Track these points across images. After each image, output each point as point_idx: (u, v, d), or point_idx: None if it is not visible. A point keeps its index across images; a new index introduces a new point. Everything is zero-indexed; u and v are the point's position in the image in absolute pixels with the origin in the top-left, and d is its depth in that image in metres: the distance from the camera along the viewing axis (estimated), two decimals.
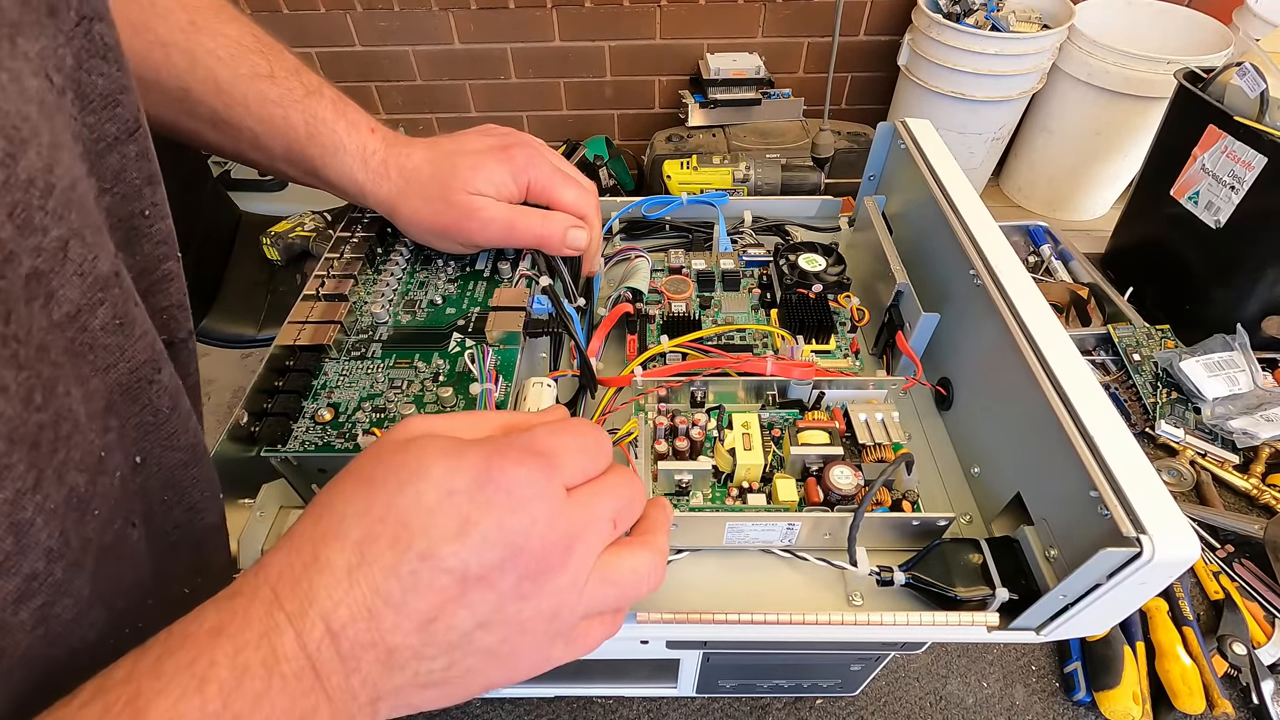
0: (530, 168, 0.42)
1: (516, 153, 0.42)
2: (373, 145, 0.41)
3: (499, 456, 0.22)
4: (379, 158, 0.41)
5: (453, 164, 0.41)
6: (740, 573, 0.38)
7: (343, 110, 0.41)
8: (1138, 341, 0.77)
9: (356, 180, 0.41)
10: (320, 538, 0.21)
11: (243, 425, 0.37)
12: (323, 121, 0.39)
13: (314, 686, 0.20)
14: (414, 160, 0.41)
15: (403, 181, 0.41)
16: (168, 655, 0.19)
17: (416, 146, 0.42)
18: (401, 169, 0.41)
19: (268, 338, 1.29)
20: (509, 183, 0.42)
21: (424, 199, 0.41)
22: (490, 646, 0.22)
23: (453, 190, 0.41)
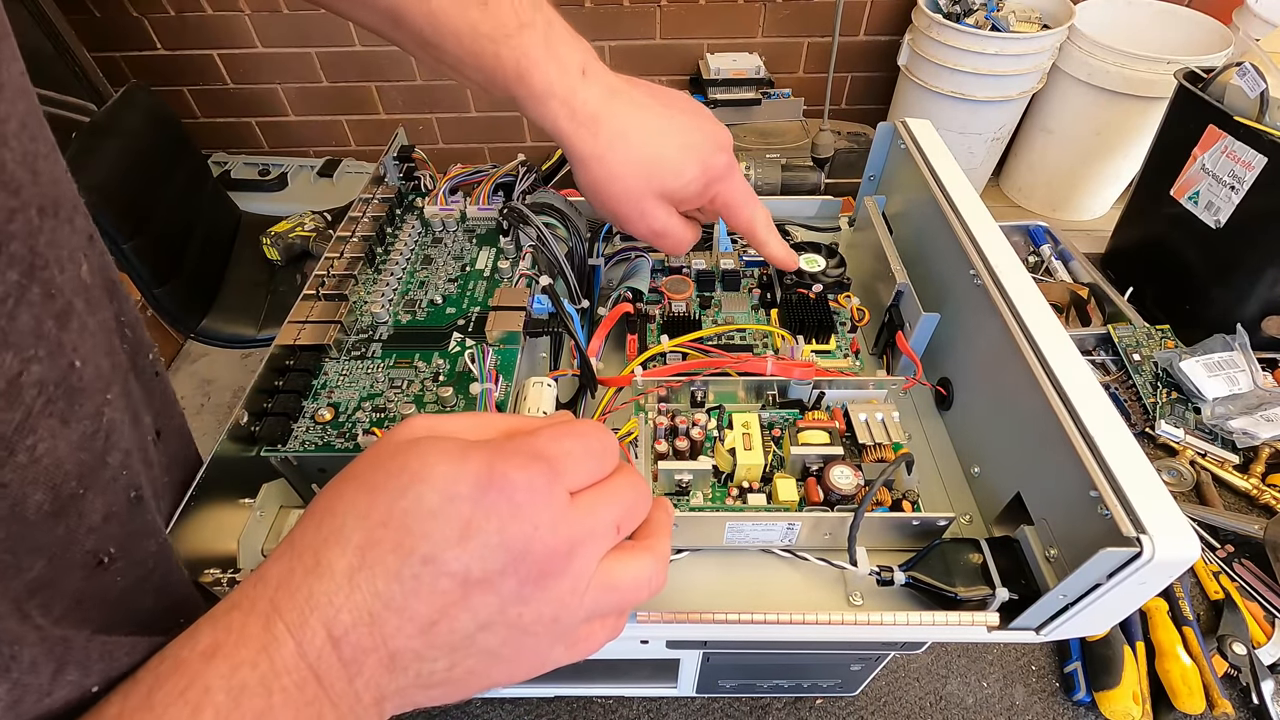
0: (725, 180, 0.41)
1: (720, 158, 0.41)
2: (583, 94, 0.37)
3: (502, 461, 0.22)
4: (589, 110, 0.37)
5: (659, 153, 0.39)
6: (740, 573, 0.38)
7: (555, 47, 0.37)
8: (1138, 341, 0.77)
9: (560, 128, 0.38)
10: (321, 544, 0.21)
11: (243, 425, 0.37)
12: (534, 62, 0.36)
13: (317, 695, 0.19)
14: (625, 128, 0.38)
15: (607, 146, 0.38)
16: (159, 686, 0.18)
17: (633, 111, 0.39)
18: (611, 132, 0.38)
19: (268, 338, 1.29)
20: (696, 195, 0.41)
21: (616, 176, 0.39)
22: (492, 648, 0.22)
23: (644, 184, 0.39)
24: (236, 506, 0.36)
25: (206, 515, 0.34)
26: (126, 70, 1.93)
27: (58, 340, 0.20)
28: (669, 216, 0.41)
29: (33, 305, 0.19)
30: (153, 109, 1.22)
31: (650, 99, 0.40)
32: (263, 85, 1.98)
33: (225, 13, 1.81)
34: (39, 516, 0.19)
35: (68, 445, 0.20)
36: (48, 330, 0.20)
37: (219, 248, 1.40)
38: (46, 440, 0.19)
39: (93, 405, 0.22)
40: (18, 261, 0.18)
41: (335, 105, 2.03)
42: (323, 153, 2.12)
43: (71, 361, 0.21)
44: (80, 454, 0.21)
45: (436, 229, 0.53)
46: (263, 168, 1.93)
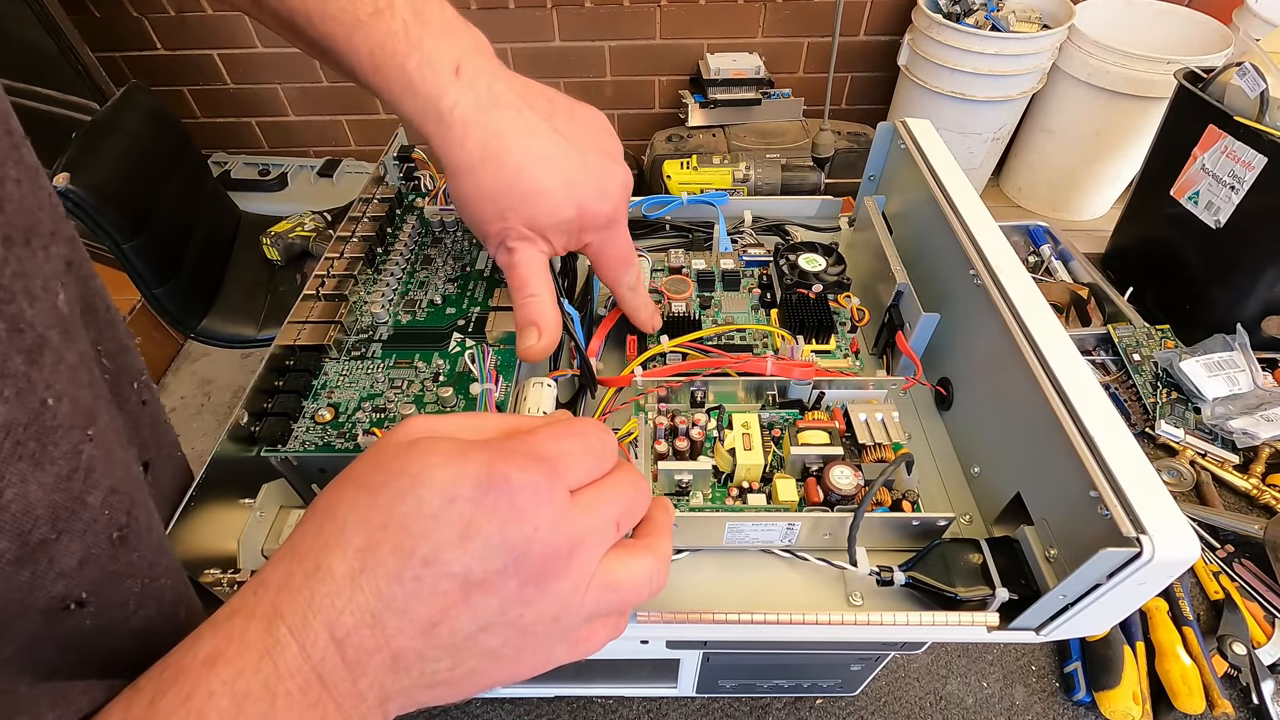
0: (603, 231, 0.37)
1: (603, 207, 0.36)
2: (452, 96, 0.33)
3: (502, 462, 0.22)
4: (457, 115, 0.33)
5: (536, 183, 0.34)
6: (740, 573, 0.38)
7: (418, 38, 0.32)
8: (1138, 341, 0.77)
9: (426, 131, 0.34)
10: (322, 547, 0.21)
11: (243, 425, 0.37)
12: (390, 53, 0.32)
13: (321, 697, 0.19)
14: (502, 144, 0.34)
15: (478, 160, 0.34)
16: (161, 694, 0.18)
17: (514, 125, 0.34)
18: (484, 145, 0.33)
19: (268, 338, 1.29)
20: (565, 239, 0.37)
21: (489, 195, 0.34)
22: (493, 648, 0.22)
23: (515, 213, 0.35)
24: (236, 506, 0.36)
25: (206, 515, 0.34)
26: (126, 70, 1.93)
27: (27, 378, 0.19)
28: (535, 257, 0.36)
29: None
30: (153, 109, 1.22)
31: (541, 119, 0.35)
32: (263, 85, 1.98)
33: (225, 13, 1.81)
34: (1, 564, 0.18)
35: (40, 488, 0.20)
36: (15, 368, 0.19)
37: (219, 248, 1.40)
38: (15, 486, 0.19)
39: (69, 444, 0.21)
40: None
41: (335, 105, 2.03)
42: (323, 153, 2.12)
43: (44, 399, 0.20)
44: (54, 496, 0.20)
45: (436, 229, 0.53)
46: (263, 168, 1.93)
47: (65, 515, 0.21)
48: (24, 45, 1.44)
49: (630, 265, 0.40)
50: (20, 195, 0.21)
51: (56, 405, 0.20)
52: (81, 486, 0.22)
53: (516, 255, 0.36)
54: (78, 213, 1.02)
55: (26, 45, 1.43)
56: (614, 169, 0.37)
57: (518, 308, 0.36)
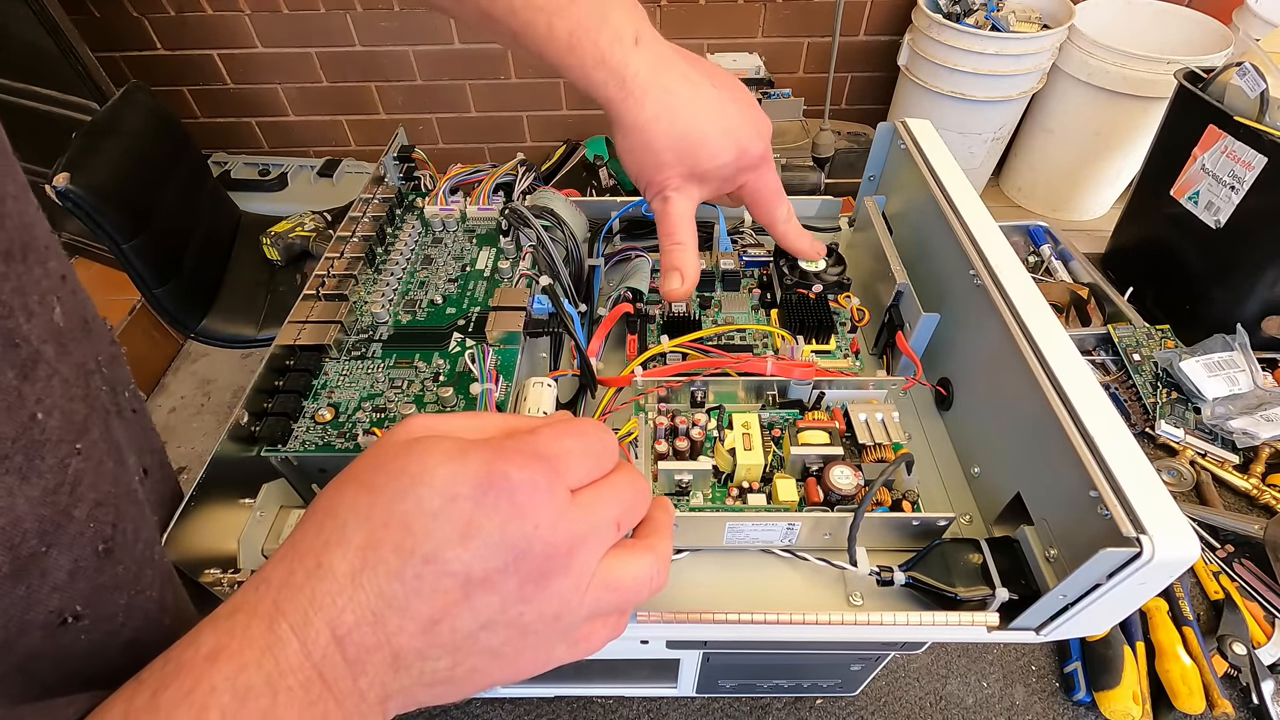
0: (757, 170, 0.41)
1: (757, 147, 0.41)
2: (635, 64, 0.37)
3: (502, 461, 0.22)
4: (639, 81, 0.37)
5: (701, 131, 0.39)
6: (740, 573, 0.38)
7: (607, 14, 0.37)
8: (1138, 341, 0.77)
9: (609, 96, 0.38)
10: (323, 546, 0.21)
11: (243, 425, 0.37)
12: (586, 32, 0.36)
13: (322, 694, 0.19)
14: (672, 101, 0.38)
15: (652, 118, 0.38)
16: (163, 687, 0.18)
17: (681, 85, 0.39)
18: (658, 104, 0.38)
19: (268, 338, 1.29)
20: (727, 180, 0.41)
21: (654, 148, 0.39)
22: (493, 647, 0.22)
23: (677, 159, 0.39)
24: (237, 506, 0.36)
25: (207, 515, 0.34)
26: (127, 70, 1.93)
27: (18, 392, 0.19)
28: (688, 201, 0.41)
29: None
30: (153, 109, 1.22)
31: (702, 76, 0.40)
32: (263, 85, 1.98)
33: (225, 13, 1.81)
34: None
35: (28, 502, 0.20)
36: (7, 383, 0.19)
37: (219, 248, 1.40)
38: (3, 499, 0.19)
39: (56, 458, 0.21)
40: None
41: (335, 105, 2.03)
42: (323, 153, 2.12)
43: (33, 414, 0.20)
44: (42, 510, 0.20)
45: (436, 229, 0.53)
46: (263, 168, 1.93)
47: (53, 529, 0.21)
48: (24, 45, 1.44)
49: (783, 199, 0.44)
50: (19, 211, 0.21)
51: (46, 419, 0.20)
52: (68, 500, 0.22)
53: (671, 205, 0.40)
54: (78, 213, 1.02)
55: (26, 45, 1.43)
56: (760, 114, 0.42)
57: (665, 253, 0.41)
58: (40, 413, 0.20)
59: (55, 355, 0.22)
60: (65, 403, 0.22)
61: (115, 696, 0.19)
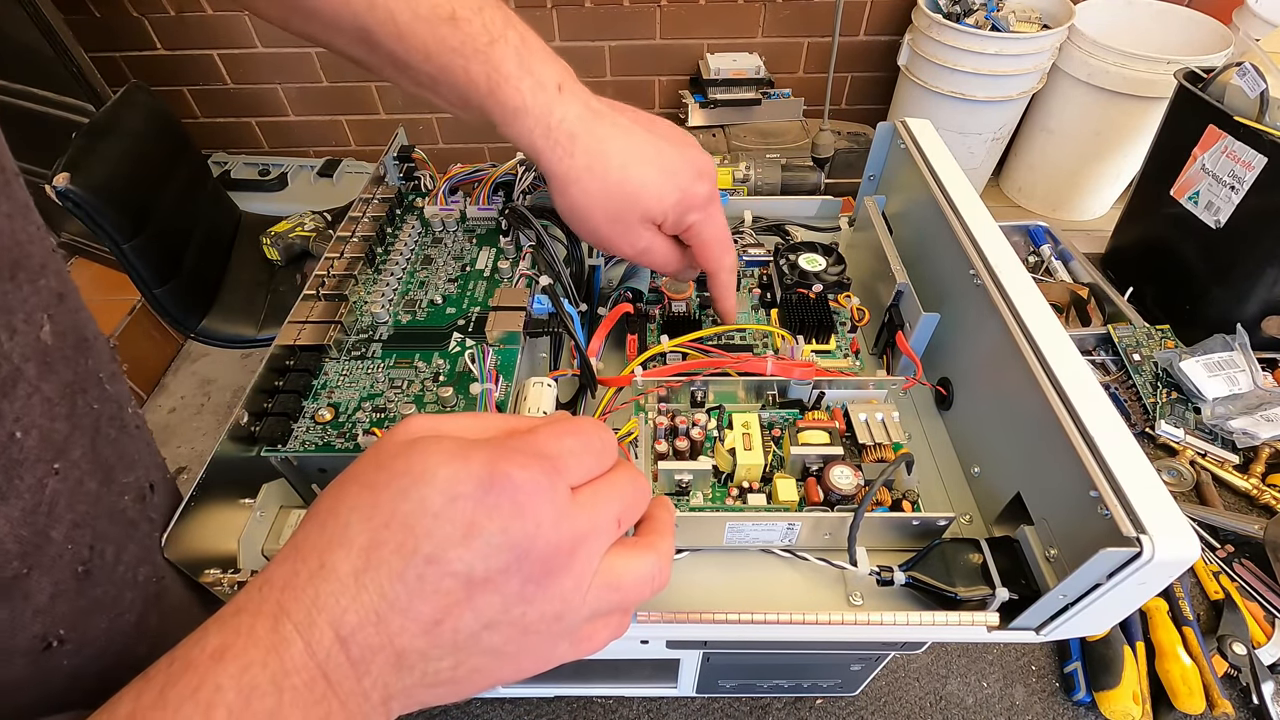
0: (705, 210, 0.40)
1: (701, 188, 0.40)
2: (560, 111, 0.37)
3: (503, 460, 0.22)
4: (565, 129, 0.37)
5: (640, 176, 0.38)
6: (740, 573, 0.38)
7: (529, 63, 0.36)
8: (1138, 341, 0.77)
9: (535, 146, 0.37)
10: (325, 546, 0.21)
11: (243, 425, 0.37)
12: (506, 77, 0.35)
13: (326, 694, 0.20)
14: (605, 149, 0.38)
15: (585, 168, 0.37)
16: (170, 685, 0.18)
17: (613, 132, 0.38)
18: (589, 152, 0.37)
19: (268, 338, 1.29)
20: (671, 224, 0.40)
21: (600, 199, 0.38)
22: (496, 647, 0.22)
23: (631, 209, 0.38)
24: (237, 506, 0.36)
25: (207, 515, 0.34)
26: (126, 70, 1.93)
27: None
28: (653, 236, 0.40)
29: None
30: (153, 109, 1.22)
31: (631, 122, 0.39)
32: (263, 85, 1.98)
33: (225, 13, 1.81)
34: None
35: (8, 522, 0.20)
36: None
37: (219, 248, 1.40)
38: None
39: (33, 477, 0.21)
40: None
41: (335, 105, 2.03)
42: (323, 153, 2.12)
43: (11, 433, 0.20)
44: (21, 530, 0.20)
45: (436, 229, 0.53)
46: (263, 168, 1.93)
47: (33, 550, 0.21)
48: (19, 47, 1.44)
49: (730, 247, 0.43)
50: (11, 230, 0.21)
51: (24, 438, 0.20)
52: (46, 520, 0.21)
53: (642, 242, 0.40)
54: (78, 213, 1.02)
55: (22, 47, 1.43)
56: (701, 155, 0.41)
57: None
58: (19, 431, 0.20)
59: (37, 374, 0.22)
60: (46, 422, 0.22)
61: (122, 694, 0.19)
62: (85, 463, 0.25)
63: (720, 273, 0.43)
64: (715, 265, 0.42)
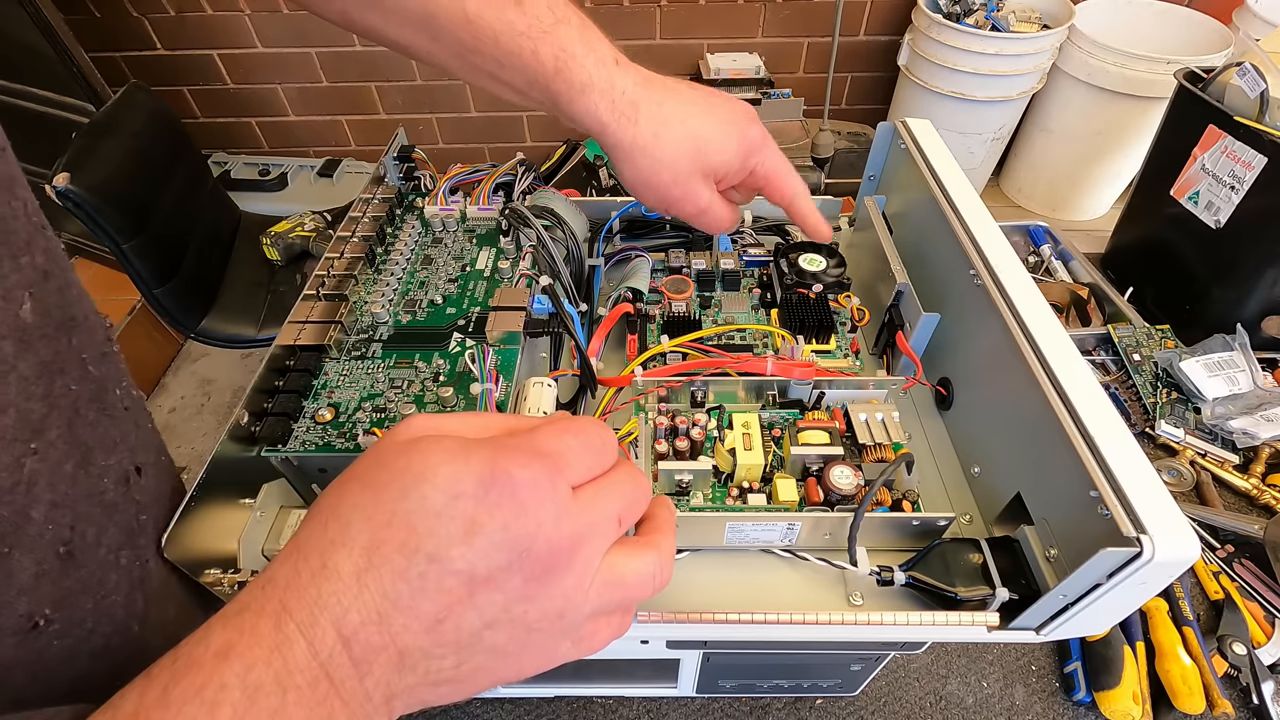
0: (763, 151, 0.42)
1: (755, 131, 0.41)
2: (621, 83, 0.38)
3: (504, 459, 0.22)
4: (628, 98, 0.38)
5: (702, 131, 0.40)
6: (740, 573, 0.38)
7: (590, 41, 0.38)
8: (1138, 341, 0.77)
9: (600, 119, 0.38)
10: (327, 545, 0.21)
11: (243, 425, 0.37)
12: (572, 56, 0.37)
13: (329, 694, 0.20)
14: (665, 112, 0.39)
15: (651, 134, 0.39)
16: (174, 683, 0.18)
17: (667, 95, 0.40)
18: (652, 119, 0.39)
19: (268, 338, 1.29)
20: (737, 170, 0.41)
21: (665, 162, 0.39)
22: (498, 645, 0.22)
23: (690, 164, 0.40)
24: (237, 506, 0.36)
25: (207, 515, 0.34)
26: (126, 70, 1.93)
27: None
28: (713, 194, 0.42)
29: None
30: (153, 109, 1.22)
31: (678, 85, 0.41)
32: (263, 85, 1.98)
33: (225, 13, 1.81)
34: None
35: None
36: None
37: (219, 248, 1.40)
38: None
39: (11, 456, 0.21)
40: None
41: (335, 105, 2.03)
42: (323, 153, 2.12)
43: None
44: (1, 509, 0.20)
45: (436, 229, 0.53)
46: (263, 168, 1.93)
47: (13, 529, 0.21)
48: (19, 47, 1.44)
49: (795, 176, 0.44)
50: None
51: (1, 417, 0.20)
52: (24, 499, 0.21)
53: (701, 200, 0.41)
54: (78, 213, 1.02)
55: (22, 47, 1.43)
56: (742, 104, 0.43)
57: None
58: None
59: (14, 352, 0.22)
60: (21, 401, 0.22)
61: (125, 691, 0.19)
62: (62, 444, 0.24)
63: (796, 199, 0.44)
64: (790, 193, 0.43)
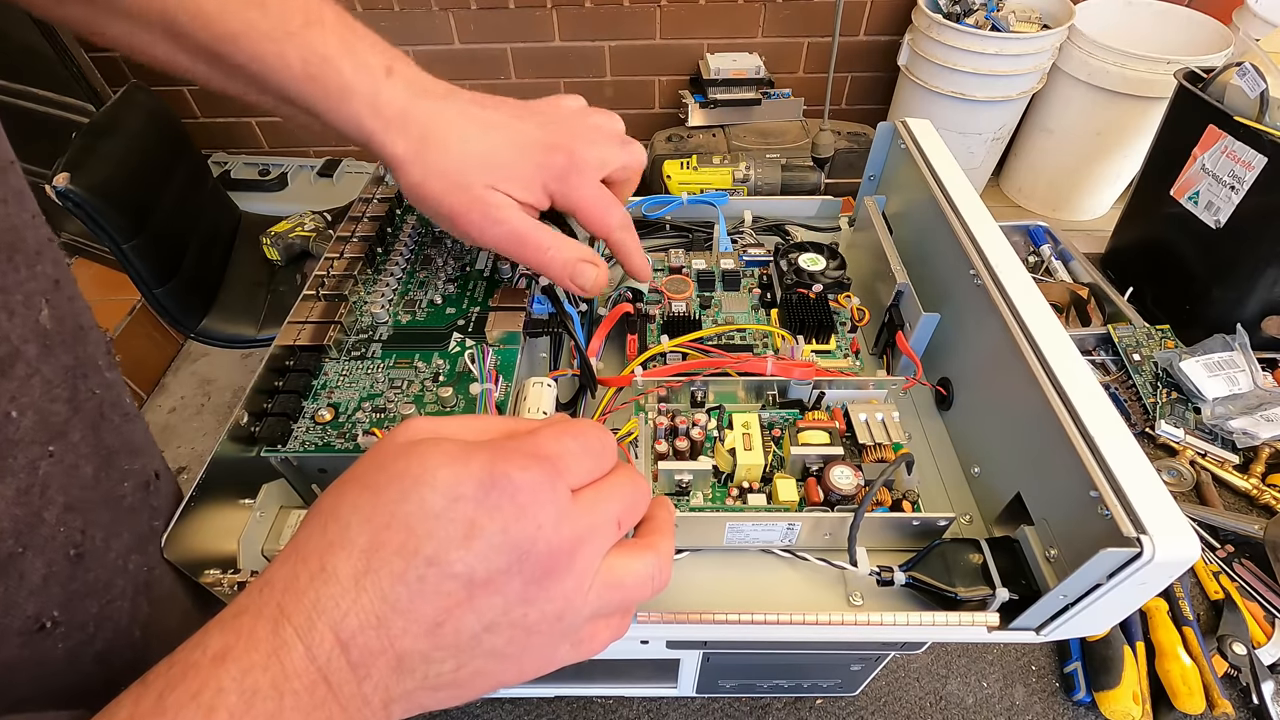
0: (566, 181, 0.37)
1: (558, 158, 0.37)
2: (389, 93, 0.34)
3: (504, 461, 0.22)
4: (396, 107, 0.34)
5: (491, 149, 0.35)
6: (740, 573, 0.38)
7: (351, 45, 0.34)
8: (1138, 341, 0.77)
9: (365, 129, 0.35)
10: (326, 548, 0.21)
11: (243, 425, 0.37)
12: (325, 59, 0.33)
13: (327, 698, 0.20)
14: (443, 123, 0.35)
15: (421, 143, 0.35)
16: (170, 689, 0.18)
17: (449, 104, 0.36)
18: (424, 127, 0.35)
19: (268, 338, 1.29)
20: (537, 190, 0.37)
21: (439, 172, 0.35)
22: (497, 648, 0.22)
23: (473, 177, 0.35)
24: (237, 507, 0.36)
25: (207, 515, 0.34)
26: (126, 70, 1.93)
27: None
28: (514, 210, 0.36)
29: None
30: (153, 109, 1.22)
31: (471, 103, 0.37)
32: None
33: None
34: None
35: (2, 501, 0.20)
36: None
37: (219, 248, 1.40)
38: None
39: (26, 458, 0.21)
40: None
41: None
42: (323, 153, 2.12)
43: (7, 412, 0.20)
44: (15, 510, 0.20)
45: (436, 229, 0.53)
46: (263, 168, 1.93)
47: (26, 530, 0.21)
48: (20, 47, 1.44)
49: (613, 205, 0.39)
50: (6, 214, 0.21)
51: (20, 418, 0.21)
52: (39, 501, 0.22)
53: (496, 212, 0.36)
54: (78, 213, 1.02)
55: (22, 47, 1.43)
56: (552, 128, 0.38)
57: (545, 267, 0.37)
58: (14, 411, 0.20)
59: (38, 355, 0.22)
60: (44, 404, 0.22)
61: (121, 698, 0.19)
62: (85, 446, 0.25)
63: (613, 232, 0.40)
64: (605, 228, 0.39)
